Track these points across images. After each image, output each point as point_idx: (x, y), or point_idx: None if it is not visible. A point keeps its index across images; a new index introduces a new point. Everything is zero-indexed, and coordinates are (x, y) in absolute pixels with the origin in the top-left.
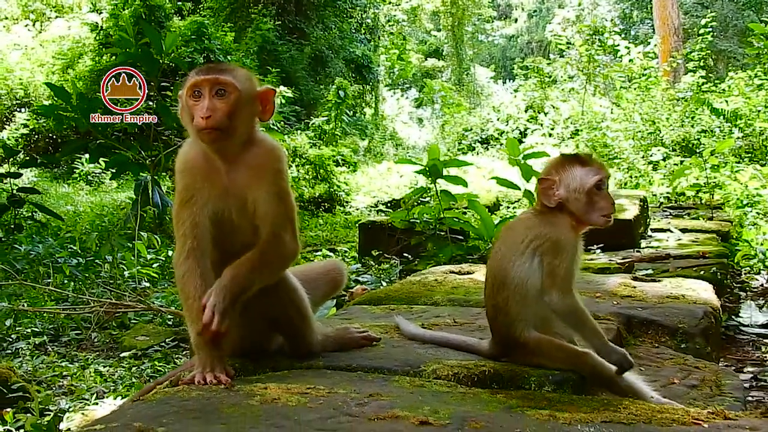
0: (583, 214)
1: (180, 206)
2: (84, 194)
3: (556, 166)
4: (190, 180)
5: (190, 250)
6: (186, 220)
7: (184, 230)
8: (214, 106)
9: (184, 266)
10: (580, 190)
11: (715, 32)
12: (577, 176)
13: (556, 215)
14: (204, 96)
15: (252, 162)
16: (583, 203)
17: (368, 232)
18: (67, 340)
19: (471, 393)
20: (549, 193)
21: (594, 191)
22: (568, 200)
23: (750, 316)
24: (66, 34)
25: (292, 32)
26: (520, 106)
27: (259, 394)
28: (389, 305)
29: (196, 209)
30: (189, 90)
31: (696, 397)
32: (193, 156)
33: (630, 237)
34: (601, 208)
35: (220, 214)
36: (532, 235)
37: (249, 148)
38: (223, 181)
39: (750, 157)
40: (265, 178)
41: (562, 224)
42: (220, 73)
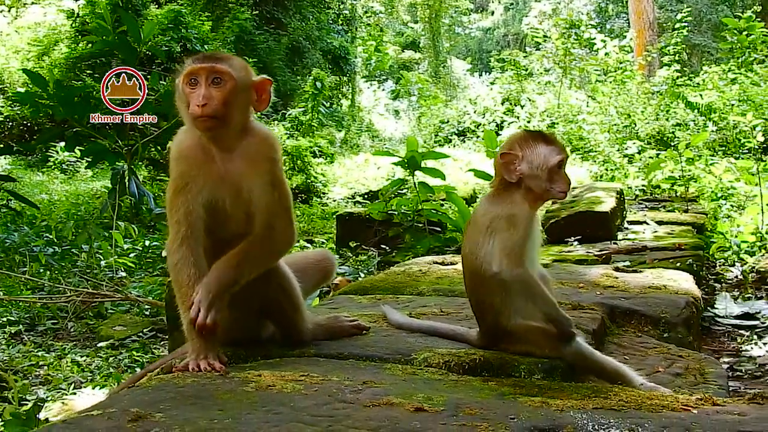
0: (541, 190)
1: (174, 194)
2: (59, 183)
3: (520, 142)
4: (185, 167)
5: (183, 238)
6: (180, 208)
7: (178, 218)
8: (210, 94)
9: (177, 254)
10: (543, 168)
11: (690, 27)
12: (541, 153)
13: (512, 193)
14: (200, 84)
15: (247, 151)
16: (543, 180)
17: (346, 223)
18: (44, 330)
19: (463, 380)
20: (510, 168)
21: (555, 170)
22: (529, 176)
23: (725, 308)
24: (42, 21)
25: (270, 22)
26: (497, 98)
27: (253, 381)
28: (375, 295)
29: (190, 197)
30: (185, 77)
31: (681, 385)
32: (188, 144)
33: (607, 229)
34: (558, 187)
35: (214, 202)
36: (489, 220)
37: (244, 136)
38: (218, 170)
39: (724, 150)
40: (260, 166)
41: (517, 201)
42: (216, 62)
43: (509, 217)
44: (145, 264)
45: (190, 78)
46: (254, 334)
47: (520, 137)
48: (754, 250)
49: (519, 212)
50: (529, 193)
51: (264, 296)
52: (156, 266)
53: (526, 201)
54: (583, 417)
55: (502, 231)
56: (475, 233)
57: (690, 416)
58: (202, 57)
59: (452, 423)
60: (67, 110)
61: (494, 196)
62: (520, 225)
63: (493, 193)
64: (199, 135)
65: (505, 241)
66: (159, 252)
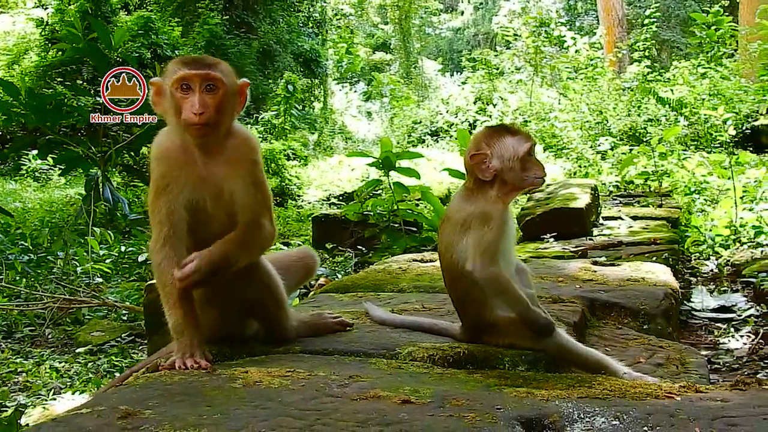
0: (519, 180)
1: (156, 194)
2: (32, 191)
3: (485, 139)
4: (166, 168)
5: (166, 238)
6: (162, 208)
7: (160, 218)
8: (205, 102)
9: (161, 254)
10: (514, 158)
11: (659, 22)
12: (509, 145)
13: (485, 191)
14: (194, 91)
15: (229, 153)
16: (517, 170)
17: (322, 225)
18: (21, 337)
19: (448, 373)
20: (483, 167)
21: (526, 158)
22: (503, 170)
23: (701, 301)
24: (11, 30)
25: (240, 26)
26: (469, 98)
27: (240, 378)
28: (356, 293)
29: (172, 197)
30: (177, 82)
31: (662, 374)
32: (169, 145)
33: (582, 225)
34: (534, 174)
35: (195, 202)
36: (462, 219)
37: (226, 138)
38: (199, 171)
39: (696, 144)
40: (241, 168)
41: (491, 198)
42: (210, 69)
43: (483, 215)
44: (122, 269)
45: (182, 84)
46: (238, 332)
47: (484, 135)
48: (728, 244)
49: (493, 210)
50: (504, 186)
51: (248, 294)
52: (132, 271)
53: (500, 197)
54: (568, 406)
55: (475, 229)
56: (450, 231)
57: (674, 403)
58: (195, 63)
59: (440, 414)
60: (39, 118)
61: (468, 193)
62: (493, 223)
63: (467, 190)
64: (181, 137)
65: (479, 240)
66: (135, 257)
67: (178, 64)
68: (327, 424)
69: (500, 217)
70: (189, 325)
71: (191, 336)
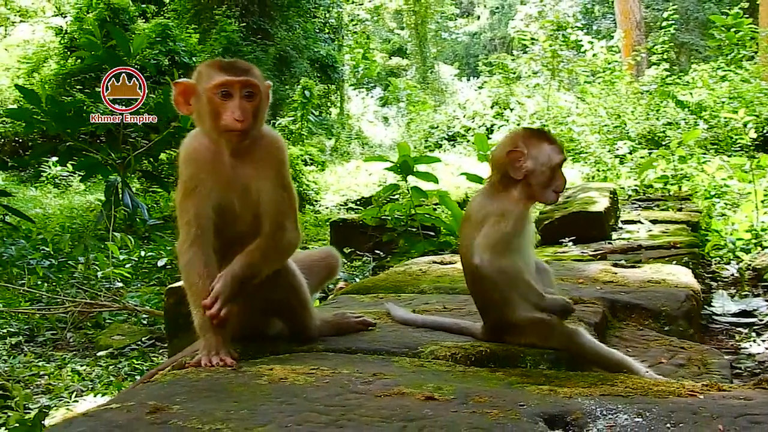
0: (541, 189)
1: (184, 196)
2: (52, 197)
3: (524, 139)
4: (195, 170)
5: (194, 239)
6: (190, 209)
7: (188, 219)
8: (245, 109)
9: (188, 254)
10: (548, 165)
11: (677, 25)
12: (547, 152)
13: (508, 190)
14: (234, 97)
15: (257, 154)
16: (545, 178)
17: (340, 230)
18: (43, 341)
19: (471, 371)
20: (517, 165)
21: (557, 168)
22: (534, 173)
23: (722, 305)
24: (31, 38)
25: (257, 33)
26: (486, 102)
27: (266, 375)
28: (377, 294)
29: (200, 199)
30: (216, 88)
31: (684, 375)
32: (198, 147)
33: (601, 229)
34: (556, 185)
35: (223, 203)
36: (482, 217)
37: (255, 140)
38: (228, 172)
39: (716, 148)
40: (268, 169)
41: (511, 197)
42: (249, 75)
43: (501, 212)
44: (142, 274)
45: (221, 89)
46: (262, 331)
47: (524, 135)
48: (749, 248)
49: (512, 208)
50: (526, 190)
51: (273, 293)
52: (152, 276)
53: (521, 199)
54: (591, 403)
55: (490, 225)
56: (470, 230)
57: (697, 401)
58: (233, 68)
59: (463, 410)
60: (59, 125)
61: (490, 191)
62: (509, 219)
63: (489, 188)
64: (212, 139)
65: (490, 234)
66: (155, 262)
67: (215, 68)
68: (352, 420)
69: (518, 215)
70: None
71: (217, 334)
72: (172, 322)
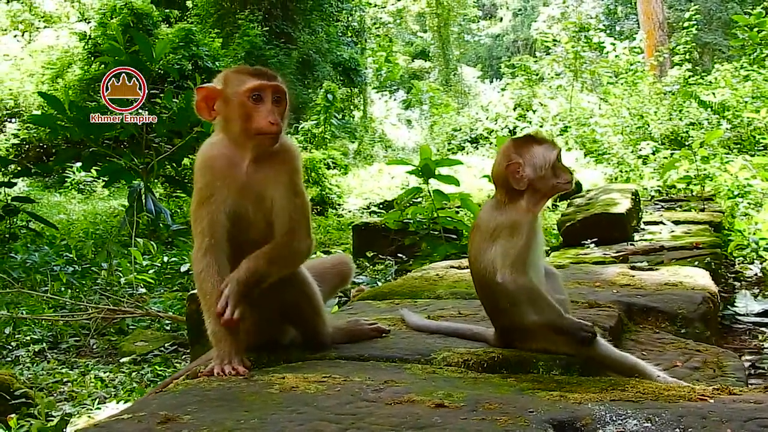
0: (550, 187)
1: (198, 204)
2: (76, 203)
3: (516, 149)
4: (210, 178)
5: (208, 247)
6: (204, 218)
7: (203, 227)
8: (275, 112)
9: (202, 262)
10: (546, 166)
11: (700, 25)
12: (540, 153)
13: (515, 201)
14: (266, 101)
15: (272, 160)
16: (549, 177)
17: (362, 233)
18: (66, 347)
19: (482, 378)
20: (517, 176)
21: (556, 164)
22: (536, 178)
23: (745, 306)
24: (55, 44)
25: (279, 37)
26: (509, 104)
27: (277, 384)
28: (393, 300)
29: (215, 207)
30: (249, 92)
31: (699, 378)
32: (214, 154)
33: (623, 230)
34: (563, 179)
35: (237, 210)
36: (492, 228)
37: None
38: (243, 179)
39: (739, 148)
40: (283, 174)
41: (520, 208)
42: (278, 81)
43: (512, 225)
44: (165, 280)
45: (253, 93)
46: (276, 339)
47: (513, 146)
48: None
49: (522, 220)
50: (534, 195)
51: (286, 301)
52: (175, 282)
53: (530, 207)
54: (600, 408)
55: (504, 239)
56: (480, 239)
57: (707, 405)
58: (264, 74)
59: (472, 417)
60: (83, 131)
61: (498, 203)
62: (522, 233)
63: (497, 200)
64: (235, 145)
65: (508, 250)
66: (178, 268)
67: (246, 74)
68: (361, 428)
69: (529, 227)
70: (228, 332)
71: (230, 343)
72: (195, 327)
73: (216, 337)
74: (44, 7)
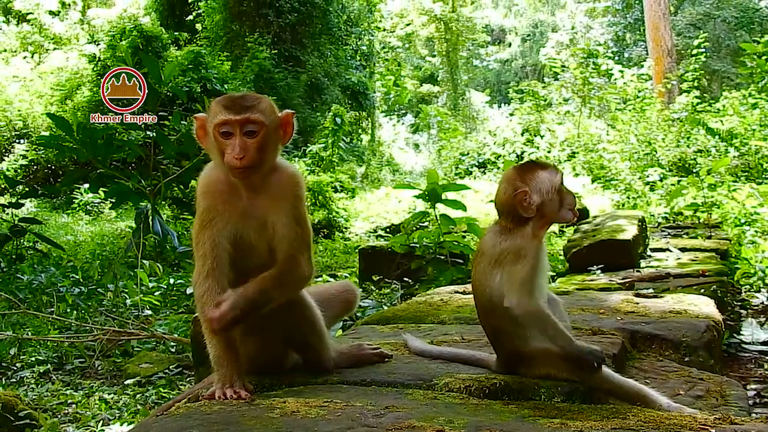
0: (556, 213)
1: (200, 228)
2: (83, 224)
3: (521, 177)
4: (211, 202)
5: (209, 271)
6: (206, 242)
7: (204, 251)
8: (246, 146)
9: (203, 286)
10: (552, 191)
11: (708, 53)
12: (545, 179)
13: (519, 226)
14: (235, 135)
15: (273, 187)
16: (556, 202)
17: (368, 257)
18: (71, 368)
19: (483, 404)
20: (525, 204)
21: (561, 189)
22: (543, 204)
23: (752, 334)
24: (64, 66)
25: (288, 60)
26: (517, 129)
27: (278, 408)
28: (397, 324)
29: (216, 231)
30: (218, 127)
31: (702, 407)
32: (215, 179)
33: (629, 257)
34: (569, 203)
35: (239, 235)
36: (497, 253)
37: (270, 173)
38: (244, 204)
39: (746, 175)
40: (285, 203)
41: (524, 234)
42: (250, 112)
43: (517, 251)
44: (170, 302)
45: (222, 128)
46: (279, 363)
47: (518, 173)
48: None
49: (528, 246)
50: (540, 221)
51: (288, 325)
52: (181, 304)
53: (534, 232)
54: None
55: (511, 265)
56: (484, 265)
57: None
58: (234, 106)
59: None
60: (90, 152)
61: (503, 229)
62: (528, 258)
63: (501, 227)
64: (221, 173)
65: (515, 276)
66: (184, 290)
67: (219, 106)
68: None
69: (535, 253)
70: (229, 356)
71: (232, 367)
72: (199, 350)
73: (217, 361)
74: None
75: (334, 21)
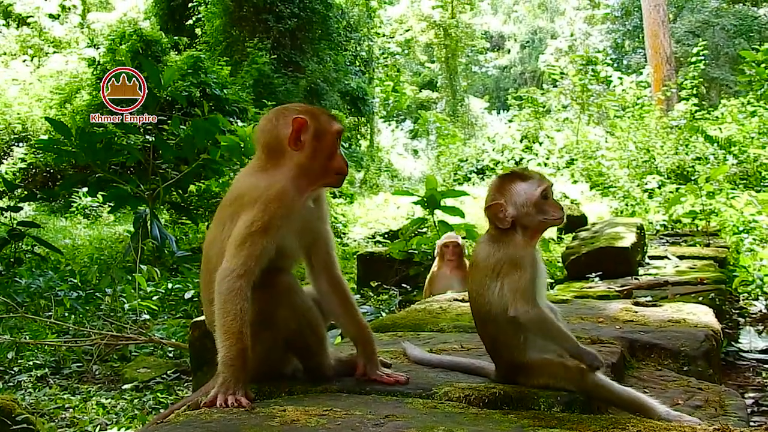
0: (537, 223)
1: (259, 231)
2: (82, 228)
3: (499, 188)
4: (276, 210)
5: (247, 272)
6: (257, 244)
7: (251, 252)
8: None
9: (235, 283)
10: (528, 204)
11: (707, 60)
12: (522, 191)
13: (509, 235)
14: (338, 144)
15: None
16: (533, 215)
17: (367, 263)
18: (69, 373)
19: (483, 414)
20: (500, 216)
21: (541, 201)
22: (519, 216)
23: (749, 342)
24: (64, 69)
25: (288, 65)
26: (515, 136)
27: (278, 416)
28: (396, 332)
29: (271, 238)
30: (338, 134)
31: (700, 417)
32: (285, 187)
33: (628, 264)
34: (552, 215)
35: (284, 243)
36: (492, 264)
37: None
38: (300, 214)
39: (745, 183)
40: (324, 212)
41: (516, 242)
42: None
43: (512, 260)
44: (168, 306)
45: (339, 135)
46: (279, 370)
47: (497, 184)
48: None
49: (522, 253)
50: (526, 230)
51: (290, 330)
52: (179, 308)
53: (524, 240)
54: None
55: (508, 274)
56: (480, 276)
57: None
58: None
59: None
60: (89, 156)
61: (492, 237)
62: (524, 265)
63: (491, 235)
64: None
65: (515, 284)
66: (182, 294)
67: (326, 116)
68: None
69: (529, 259)
70: (239, 361)
71: (237, 373)
72: (197, 355)
73: (225, 362)
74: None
75: (333, 27)
